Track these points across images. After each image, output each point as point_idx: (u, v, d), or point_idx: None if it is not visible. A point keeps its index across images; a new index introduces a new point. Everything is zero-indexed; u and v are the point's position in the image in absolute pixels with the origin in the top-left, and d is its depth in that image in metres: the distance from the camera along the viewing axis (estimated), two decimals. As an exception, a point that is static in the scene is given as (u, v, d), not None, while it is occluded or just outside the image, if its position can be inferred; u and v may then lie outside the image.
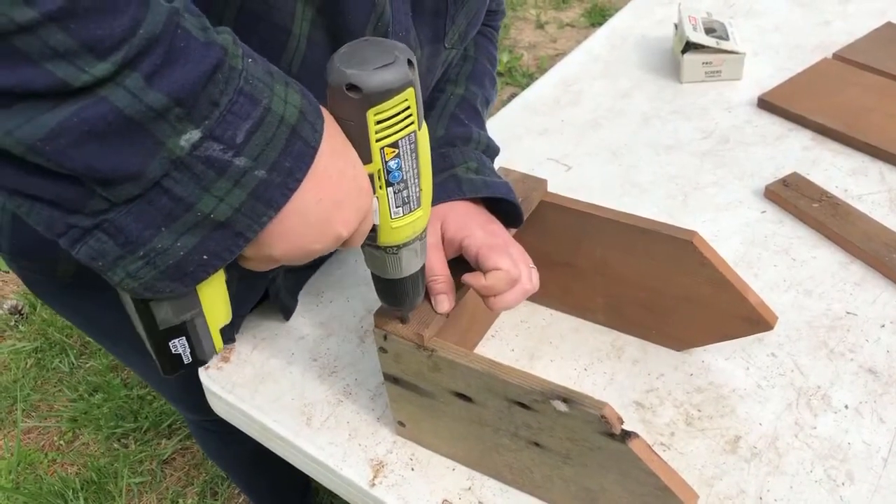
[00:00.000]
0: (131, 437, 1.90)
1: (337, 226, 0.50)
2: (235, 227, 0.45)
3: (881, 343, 0.84)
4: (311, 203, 0.48)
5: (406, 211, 0.57)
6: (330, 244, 0.51)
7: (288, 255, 0.50)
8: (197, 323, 0.53)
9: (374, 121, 0.50)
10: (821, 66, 1.26)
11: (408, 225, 0.58)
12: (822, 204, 1.00)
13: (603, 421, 0.61)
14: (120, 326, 0.86)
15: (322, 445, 0.79)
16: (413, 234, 0.60)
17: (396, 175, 0.54)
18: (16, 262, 0.85)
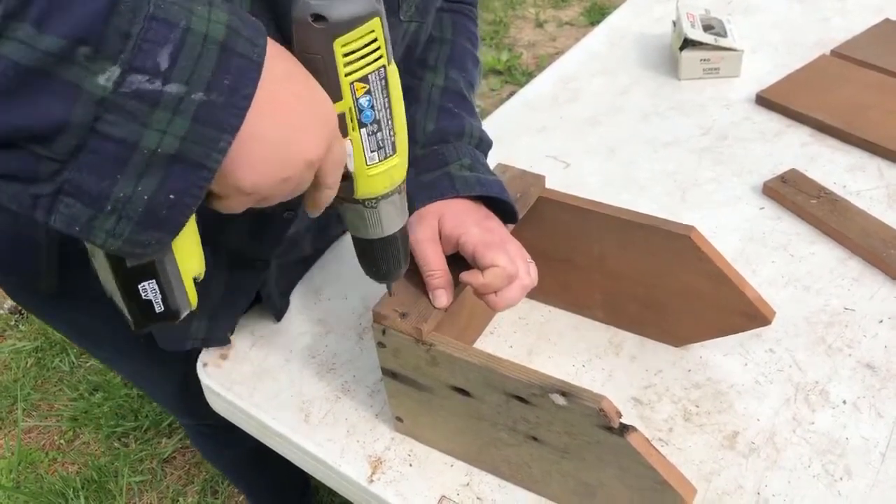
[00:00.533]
0: (132, 436, 1.90)
1: (303, 150, 0.48)
2: (191, 157, 0.43)
3: (879, 338, 0.84)
4: (269, 126, 0.46)
5: (382, 157, 0.55)
6: (300, 171, 0.49)
7: (258, 185, 0.48)
8: (167, 265, 0.50)
9: (342, 53, 0.49)
10: (819, 63, 1.26)
11: (384, 173, 0.56)
12: (821, 200, 1.00)
13: (601, 414, 0.61)
14: (105, 333, 0.87)
15: (320, 442, 0.79)
16: (391, 185, 0.58)
17: (368, 115, 0.53)
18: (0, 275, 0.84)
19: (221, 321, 0.87)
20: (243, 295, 0.86)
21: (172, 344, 0.86)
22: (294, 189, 0.50)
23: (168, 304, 0.52)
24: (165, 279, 0.50)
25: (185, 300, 0.53)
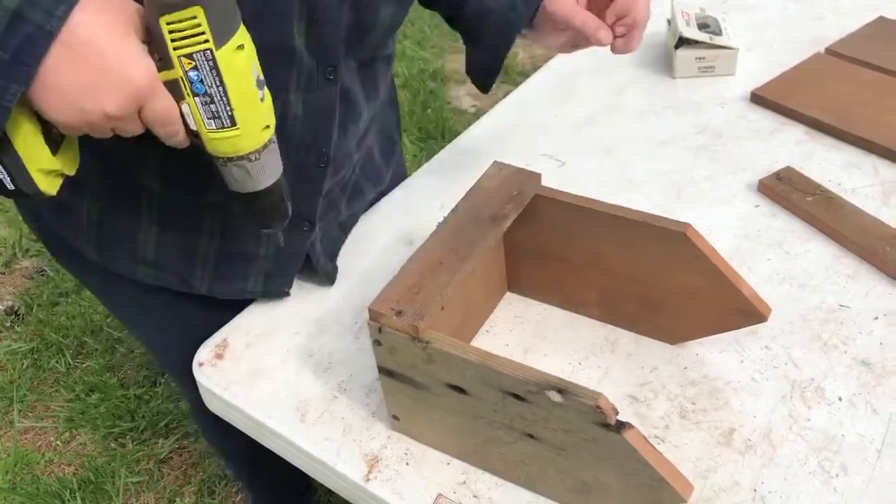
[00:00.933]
0: (128, 437, 1.90)
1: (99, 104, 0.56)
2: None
3: (874, 335, 0.84)
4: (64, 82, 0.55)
5: (219, 125, 0.61)
6: (101, 119, 0.57)
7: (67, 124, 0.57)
8: (6, 156, 0.59)
9: (167, 29, 0.57)
10: (814, 61, 1.26)
11: (225, 140, 0.62)
12: (816, 197, 1.00)
13: (598, 411, 0.61)
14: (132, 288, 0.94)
15: (317, 441, 0.79)
16: (235, 152, 0.63)
17: (199, 87, 0.60)
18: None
19: (276, 279, 0.93)
20: (294, 257, 0.93)
21: (229, 295, 0.92)
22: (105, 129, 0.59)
23: (17, 185, 0.61)
24: (12, 166, 0.60)
25: (33, 186, 0.62)
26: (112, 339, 2.12)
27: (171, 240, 0.87)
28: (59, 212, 0.89)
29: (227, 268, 0.90)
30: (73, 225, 0.88)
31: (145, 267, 0.89)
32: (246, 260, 0.90)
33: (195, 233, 0.86)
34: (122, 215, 0.86)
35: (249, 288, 0.93)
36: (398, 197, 1.09)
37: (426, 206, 1.07)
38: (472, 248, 0.76)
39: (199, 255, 0.88)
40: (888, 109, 1.13)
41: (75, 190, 0.83)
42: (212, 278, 0.90)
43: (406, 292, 0.72)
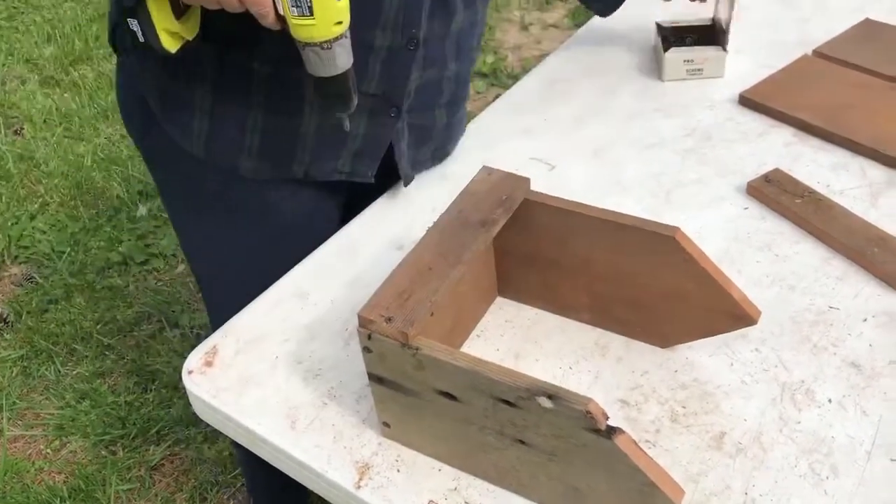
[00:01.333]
0: (119, 444, 1.89)
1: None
2: None
3: (864, 337, 0.84)
4: None
5: (299, 13, 0.72)
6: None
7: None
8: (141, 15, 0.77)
9: None
10: (801, 63, 1.26)
11: (303, 27, 0.73)
12: (805, 199, 1.00)
13: (588, 416, 0.61)
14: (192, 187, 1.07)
15: (307, 448, 0.79)
16: (310, 38, 0.74)
17: None
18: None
19: (364, 160, 1.03)
20: (380, 139, 1.02)
21: (323, 175, 1.02)
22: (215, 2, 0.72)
23: (147, 38, 0.79)
24: (144, 23, 0.78)
25: (158, 42, 0.79)
26: (102, 345, 2.11)
27: (277, 123, 0.97)
28: (172, 108, 0.98)
29: (322, 146, 0.99)
30: (184, 119, 0.98)
31: (248, 157, 0.99)
32: (339, 136, 0.99)
33: (298, 113, 0.96)
34: (231, 101, 0.96)
35: (339, 167, 1.02)
36: (388, 202, 1.09)
37: (416, 211, 1.07)
38: (462, 253, 0.76)
39: (299, 136, 0.98)
40: (875, 111, 1.14)
41: (190, 79, 0.95)
42: (311, 157, 1.00)
43: (396, 298, 0.71)
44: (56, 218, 2.53)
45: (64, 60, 3.27)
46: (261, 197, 1.04)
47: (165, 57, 0.92)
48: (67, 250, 2.40)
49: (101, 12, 3.58)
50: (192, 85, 0.96)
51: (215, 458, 1.84)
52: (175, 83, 0.97)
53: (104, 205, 2.57)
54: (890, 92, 1.17)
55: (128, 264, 2.35)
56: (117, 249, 2.39)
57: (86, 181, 2.66)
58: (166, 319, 2.17)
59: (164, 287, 2.28)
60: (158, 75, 0.98)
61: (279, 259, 1.02)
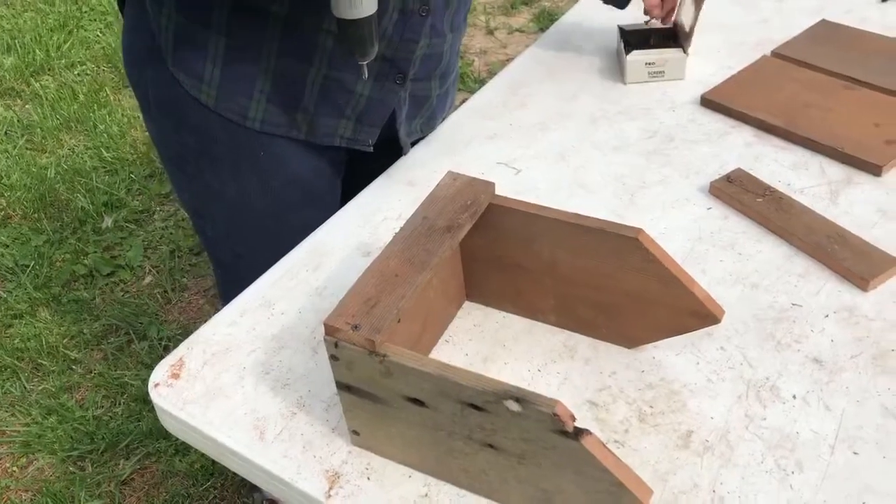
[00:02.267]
0: (88, 460, 1.86)
1: None
2: None
3: (826, 333, 0.86)
4: None
5: None
6: None
7: None
8: None
9: None
10: (760, 64, 1.28)
11: None
12: (766, 198, 1.02)
13: (555, 419, 0.61)
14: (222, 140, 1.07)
15: (276, 459, 0.78)
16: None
17: None
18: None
19: (365, 126, 1.07)
20: (383, 104, 1.06)
21: (325, 138, 1.06)
22: None
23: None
24: None
25: None
26: (69, 359, 2.08)
27: (287, 66, 0.99)
28: (185, 53, 0.99)
29: (327, 100, 1.02)
30: (196, 65, 0.99)
31: (256, 105, 1.01)
32: (345, 93, 1.02)
33: (307, 61, 0.98)
34: (245, 46, 0.97)
35: (340, 131, 1.05)
36: (354, 208, 1.09)
37: (383, 217, 1.07)
38: (428, 259, 0.76)
39: (307, 83, 1.00)
40: (831, 110, 1.16)
41: (206, 22, 0.96)
42: (314, 112, 1.02)
43: (362, 306, 0.71)
44: (19, 231, 2.49)
45: (25, 71, 3.23)
46: (267, 150, 1.06)
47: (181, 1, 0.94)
48: (31, 264, 2.36)
49: (61, 22, 3.53)
50: (207, 29, 0.97)
51: (186, 471, 1.82)
52: (190, 27, 0.98)
53: (68, 217, 2.54)
54: (846, 91, 1.20)
55: (94, 277, 2.32)
56: (83, 262, 2.36)
57: (49, 193, 2.62)
58: (134, 332, 2.14)
59: (131, 299, 2.25)
60: (173, 18, 0.98)
61: (285, 216, 1.06)
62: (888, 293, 0.90)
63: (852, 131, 1.11)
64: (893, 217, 0.99)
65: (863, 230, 0.97)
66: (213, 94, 1.01)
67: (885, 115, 1.14)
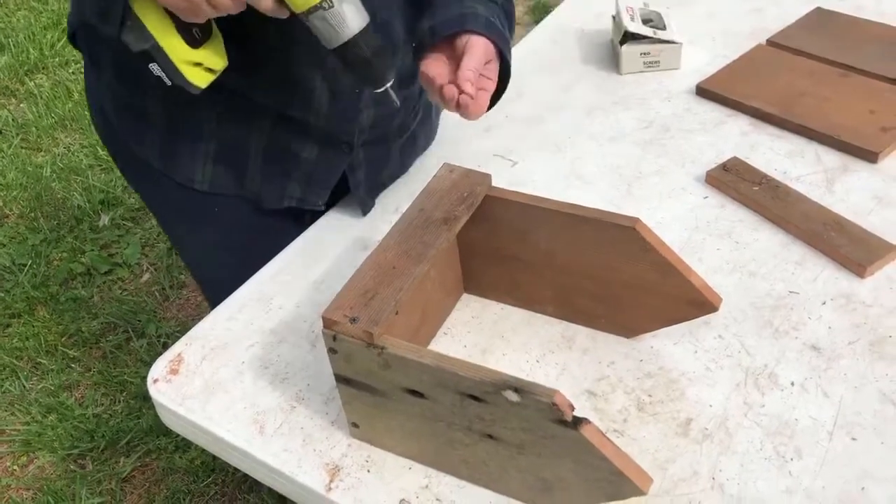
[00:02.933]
0: (88, 458, 1.86)
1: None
2: None
3: (823, 320, 0.86)
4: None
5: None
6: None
7: (173, 6, 0.71)
8: (157, 54, 0.75)
9: None
10: (755, 53, 1.28)
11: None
12: (762, 187, 1.02)
13: (554, 408, 0.61)
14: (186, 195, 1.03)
15: (276, 453, 0.78)
16: (306, 4, 0.71)
17: None
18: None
19: (314, 188, 1.02)
20: (332, 171, 1.01)
21: (272, 202, 1.02)
22: (209, 8, 0.70)
23: (172, 79, 0.77)
24: (164, 65, 0.76)
25: (183, 78, 0.77)
26: (68, 358, 2.08)
27: (230, 131, 0.95)
28: (128, 118, 0.97)
29: (273, 164, 0.98)
30: (140, 130, 0.97)
31: (203, 170, 0.98)
32: (291, 157, 0.98)
33: (250, 125, 0.95)
34: (183, 111, 0.94)
35: (289, 192, 1.00)
36: (351, 203, 1.09)
37: (380, 211, 1.07)
38: (425, 251, 0.76)
39: (251, 148, 0.96)
40: (826, 98, 1.16)
41: (144, 88, 0.93)
42: (261, 178, 0.98)
43: (360, 298, 0.71)
44: (16, 230, 2.49)
45: (19, 70, 3.22)
46: (222, 206, 1.02)
47: (118, 65, 0.91)
48: (29, 263, 2.35)
49: (55, 20, 3.52)
50: (144, 96, 0.94)
51: (187, 467, 1.82)
52: (129, 95, 0.96)
53: (65, 215, 2.53)
54: (841, 79, 1.20)
55: (91, 275, 2.32)
56: (80, 260, 2.36)
57: (45, 192, 2.61)
58: (133, 329, 2.14)
59: (129, 297, 2.25)
60: (112, 86, 0.97)
61: (252, 261, 1.01)
62: (885, 279, 0.90)
63: (848, 119, 1.11)
64: (889, 204, 0.99)
65: (859, 217, 0.97)
66: (158, 158, 0.99)
67: (880, 102, 1.14)
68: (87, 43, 0.97)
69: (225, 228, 1.05)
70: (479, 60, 0.84)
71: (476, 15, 0.88)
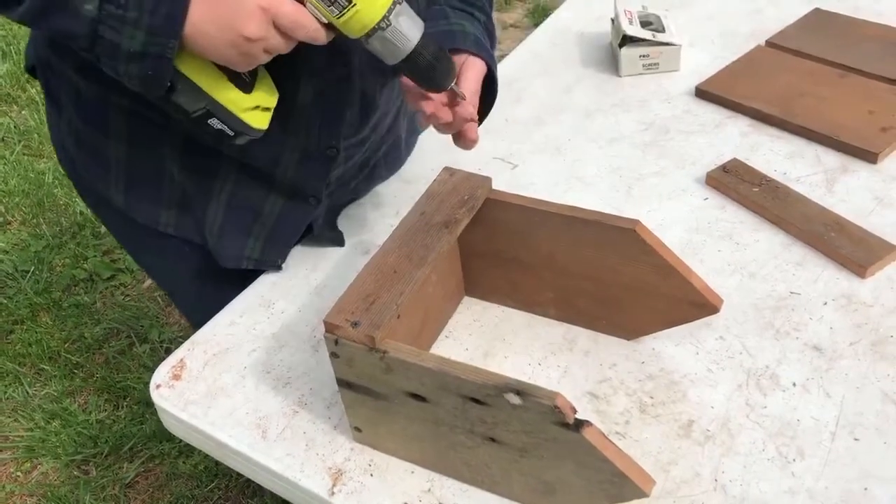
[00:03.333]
0: (92, 463, 1.86)
1: (238, 30, 0.67)
2: (153, 52, 0.67)
3: (824, 320, 0.86)
4: (208, 23, 0.67)
5: (340, 9, 0.68)
6: (245, 44, 0.68)
7: (221, 57, 0.70)
8: (217, 108, 0.73)
9: None
10: (754, 54, 1.28)
11: (351, 20, 0.69)
12: (762, 188, 1.02)
13: (556, 411, 0.62)
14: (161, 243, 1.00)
15: (279, 457, 0.78)
16: (365, 27, 0.69)
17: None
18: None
19: (275, 245, 0.98)
20: (295, 226, 0.98)
21: (230, 262, 0.98)
22: (257, 52, 0.69)
23: (235, 129, 0.75)
24: (224, 117, 0.74)
25: (246, 126, 0.75)
26: (71, 364, 2.09)
27: (192, 177, 0.92)
28: (90, 156, 0.94)
29: (233, 219, 0.95)
30: (103, 170, 0.94)
31: (168, 213, 0.95)
32: (252, 211, 0.95)
33: (213, 176, 0.92)
34: (144, 154, 0.91)
35: (248, 251, 0.97)
36: (352, 206, 1.09)
37: (381, 215, 1.07)
38: (426, 254, 0.76)
39: (211, 201, 0.93)
40: (826, 98, 1.16)
41: (104, 129, 0.90)
42: (218, 234, 0.96)
43: (361, 302, 0.72)
44: (18, 237, 2.49)
45: (20, 77, 3.22)
46: (193, 246, 0.99)
47: (79, 104, 0.89)
48: (31, 269, 2.36)
49: (56, 27, 3.53)
50: (106, 137, 0.91)
51: (191, 473, 1.82)
52: (90, 133, 0.92)
53: (67, 221, 2.54)
54: (840, 80, 1.20)
55: (94, 281, 2.32)
56: (83, 266, 2.36)
57: (47, 198, 2.62)
58: (135, 335, 2.14)
59: (131, 302, 2.25)
60: (74, 124, 0.93)
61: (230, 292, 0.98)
62: (886, 280, 0.90)
63: (847, 119, 1.11)
64: (890, 204, 0.99)
65: (859, 218, 0.97)
66: (121, 199, 0.95)
67: (879, 102, 1.14)
68: (46, 79, 0.94)
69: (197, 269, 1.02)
70: (478, 86, 0.84)
71: (465, 33, 0.87)
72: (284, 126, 0.85)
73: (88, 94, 0.89)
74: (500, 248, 0.86)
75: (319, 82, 0.84)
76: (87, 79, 0.87)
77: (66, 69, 0.88)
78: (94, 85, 0.87)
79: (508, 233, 0.85)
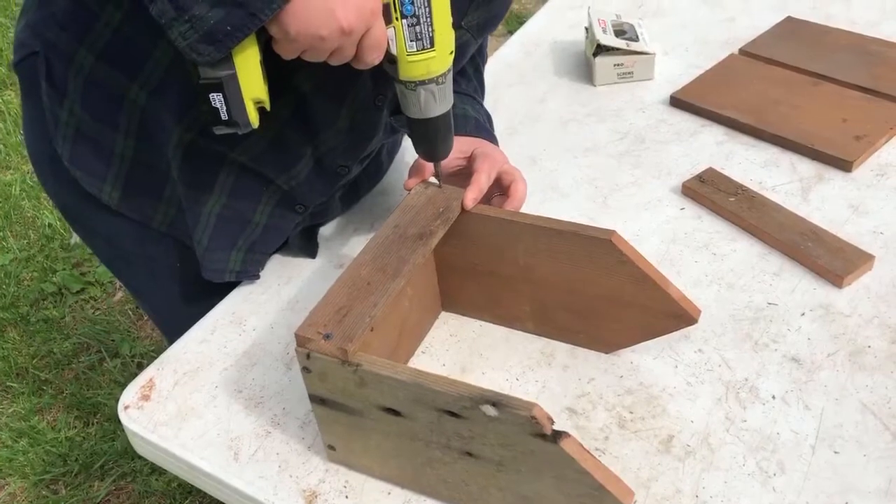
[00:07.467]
0: (61, 482, 1.82)
1: (339, 18, 0.64)
2: (251, 7, 0.62)
3: (802, 331, 0.85)
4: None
5: (419, 47, 0.68)
6: (335, 35, 0.64)
7: (300, 35, 0.64)
8: (230, 85, 0.67)
9: None
10: (728, 62, 1.28)
11: (422, 62, 0.69)
12: (738, 197, 1.02)
13: (533, 422, 0.60)
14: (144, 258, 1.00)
15: (251, 480, 0.76)
16: (428, 74, 0.70)
17: (409, 8, 0.66)
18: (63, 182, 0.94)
19: (256, 255, 0.98)
20: (279, 234, 0.98)
21: (215, 275, 0.96)
22: (331, 49, 0.66)
23: (231, 115, 0.69)
24: (231, 96, 0.68)
25: (246, 118, 0.70)
26: (39, 380, 2.04)
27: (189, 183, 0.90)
28: (86, 147, 0.90)
29: (224, 230, 0.93)
30: (99, 161, 0.90)
31: (166, 210, 0.93)
32: (241, 223, 0.94)
33: (210, 186, 0.90)
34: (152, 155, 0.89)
35: (230, 265, 0.96)
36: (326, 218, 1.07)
37: (356, 229, 1.05)
38: (401, 266, 0.75)
39: (205, 209, 0.91)
40: (799, 107, 1.16)
41: (113, 122, 0.87)
42: (209, 241, 0.93)
43: (334, 315, 0.70)
44: (-16, 251, 2.45)
45: (-14, 88, 3.17)
46: (183, 252, 0.97)
47: (87, 91, 0.85)
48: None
49: (24, 37, 3.47)
50: (114, 130, 0.88)
51: (164, 490, 1.79)
52: (93, 124, 0.88)
53: (35, 234, 2.49)
54: (813, 88, 1.20)
55: (63, 294, 2.28)
56: (51, 280, 2.32)
57: (14, 211, 2.57)
58: (106, 349, 2.10)
59: (102, 316, 2.21)
60: (76, 113, 0.89)
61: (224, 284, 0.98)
62: (862, 289, 0.90)
63: (821, 128, 1.11)
64: (864, 213, 0.99)
65: (835, 226, 0.97)
66: (116, 195, 0.92)
67: (852, 110, 1.14)
68: (49, 64, 0.88)
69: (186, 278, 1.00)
70: (492, 177, 0.88)
71: (466, 117, 0.93)
72: (312, 142, 0.87)
73: (105, 84, 0.84)
74: (477, 261, 0.85)
75: (359, 111, 0.85)
76: (110, 65, 0.83)
77: (83, 56, 0.83)
78: (114, 74, 0.83)
79: (484, 245, 0.83)
